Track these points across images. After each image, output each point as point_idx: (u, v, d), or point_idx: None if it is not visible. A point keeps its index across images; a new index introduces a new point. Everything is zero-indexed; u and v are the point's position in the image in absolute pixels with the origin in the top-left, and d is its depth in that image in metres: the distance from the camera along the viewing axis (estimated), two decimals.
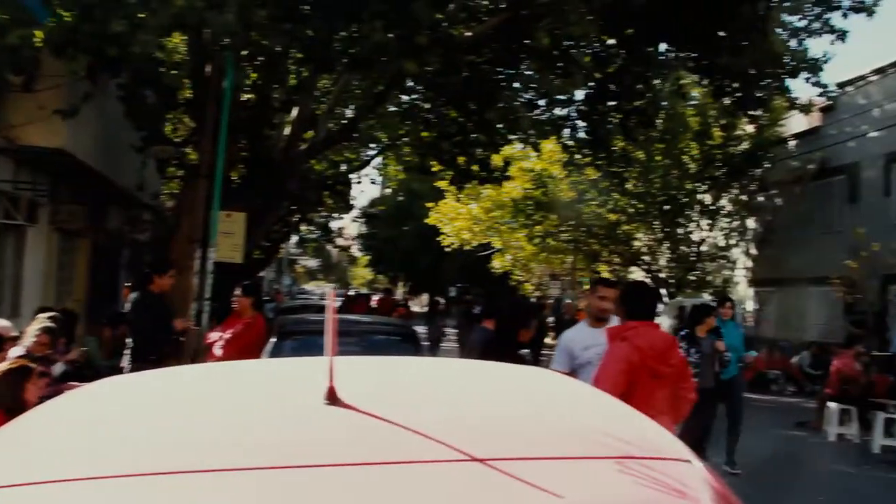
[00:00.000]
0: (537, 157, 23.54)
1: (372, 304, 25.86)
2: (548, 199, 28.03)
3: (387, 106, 16.59)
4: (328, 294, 1.84)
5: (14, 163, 11.48)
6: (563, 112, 17.11)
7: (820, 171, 25.64)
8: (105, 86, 11.88)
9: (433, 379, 2.26)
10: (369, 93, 15.28)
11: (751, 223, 29.09)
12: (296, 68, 14.36)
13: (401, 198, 51.70)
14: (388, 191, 54.87)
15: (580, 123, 17.18)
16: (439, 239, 34.50)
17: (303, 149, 15.48)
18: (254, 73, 13.59)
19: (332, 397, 1.67)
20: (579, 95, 16.39)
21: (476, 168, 17.05)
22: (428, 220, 34.27)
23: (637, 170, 26.18)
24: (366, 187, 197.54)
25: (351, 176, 24.74)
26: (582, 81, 14.41)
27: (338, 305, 25.00)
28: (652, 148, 25.09)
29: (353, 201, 28.36)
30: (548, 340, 27.15)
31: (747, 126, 24.81)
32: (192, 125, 14.90)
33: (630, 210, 27.58)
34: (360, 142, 20.95)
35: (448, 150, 16.66)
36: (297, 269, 65.71)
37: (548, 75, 14.41)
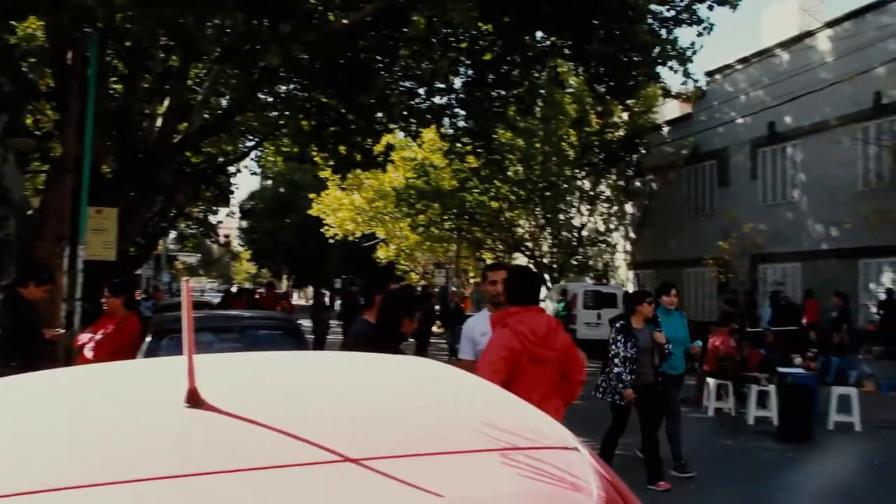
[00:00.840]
0: (419, 145, 23.50)
1: (257, 297, 25.31)
2: (430, 188, 28.10)
3: (263, 96, 16.20)
4: (184, 286, 1.68)
5: None
6: (443, 101, 17.11)
7: (692, 156, 26.64)
8: None
9: (306, 375, 2.12)
10: (244, 82, 14.88)
11: (629, 208, 29.98)
12: (165, 56, 13.85)
13: (282, 190, 50.98)
14: (269, 182, 53.98)
15: (460, 112, 17.24)
16: (322, 230, 34.16)
17: (177, 140, 14.95)
18: (119, 61, 13.01)
19: (192, 399, 1.53)
20: (458, 84, 16.43)
21: (358, 156, 16.87)
22: (310, 212, 33.92)
23: (518, 157, 26.54)
24: (246, 180, 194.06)
25: (229, 168, 24.12)
26: (451, 70, 14.42)
27: (218, 302, 24.37)
28: (532, 138, 25.47)
29: (233, 195, 27.60)
30: (435, 329, 27.30)
31: (623, 113, 25.47)
32: (56, 116, 14.16)
33: (512, 197, 27.95)
34: (237, 133, 20.42)
35: (328, 139, 16.41)
36: (177, 265, 63.82)
37: (424, 63, 14.39)
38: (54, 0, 7.97)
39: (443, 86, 16.25)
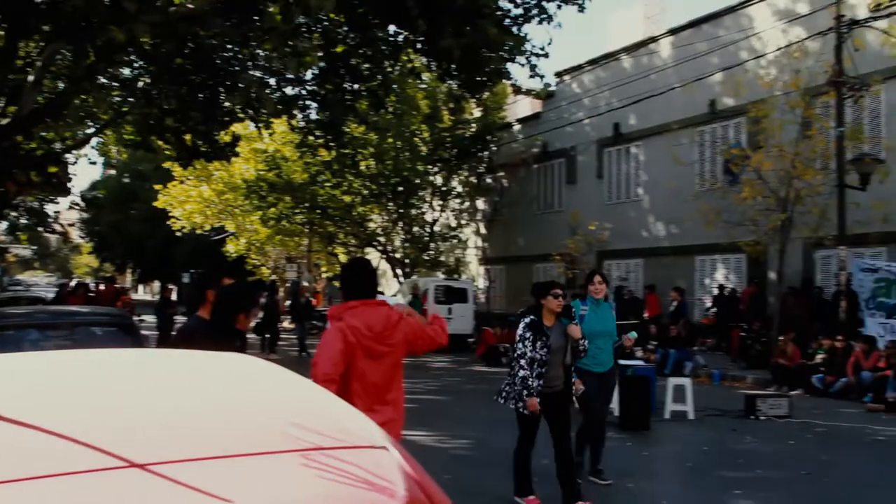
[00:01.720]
0: (269, 137, 23.00)
1: (92, 293, 24.08)
2: (281, 180, 27.63)
3: (101, 79, 15.39)
4: None
5: None
6: (294, 91, 16.79)
7: (542, 154, 27.34)
8: None
9: (113, 375, 1.98)
10: (80, 64, 14.08)
11: (480, 204, 30.41)
12: None
13: (126, 180, 48.97)
14: (112, 172, 51.68)
15: (312, 104, 16.98)
16: (169, 223, 32.96)
17: (5, 124, 13.99)
18: None
19: None
20: (310, 76, 16.17)
21: (204, 146, 16.30)
22: (156, 204, 32.63)
23: (370, 152, 26.45)
24: (87, 169, 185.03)
25: (67, 156, 22.83)
26: (302, 64, 14.17)
27: (52, 297, 23.08)
28: (385, 133, 25.42)
29: (71, 184, 26.16)
30: (287, 325, 26.85)
31: (475, 110, 25.78)
32: None
33: (364, 191, 27.85)
34: (74, 118, 19.33)
35: (173, 128, 15.78)
36: (9, 257, 60.06)
37: (279, 52, 14.06)
38: None
39: (292, 76, 15.95)
